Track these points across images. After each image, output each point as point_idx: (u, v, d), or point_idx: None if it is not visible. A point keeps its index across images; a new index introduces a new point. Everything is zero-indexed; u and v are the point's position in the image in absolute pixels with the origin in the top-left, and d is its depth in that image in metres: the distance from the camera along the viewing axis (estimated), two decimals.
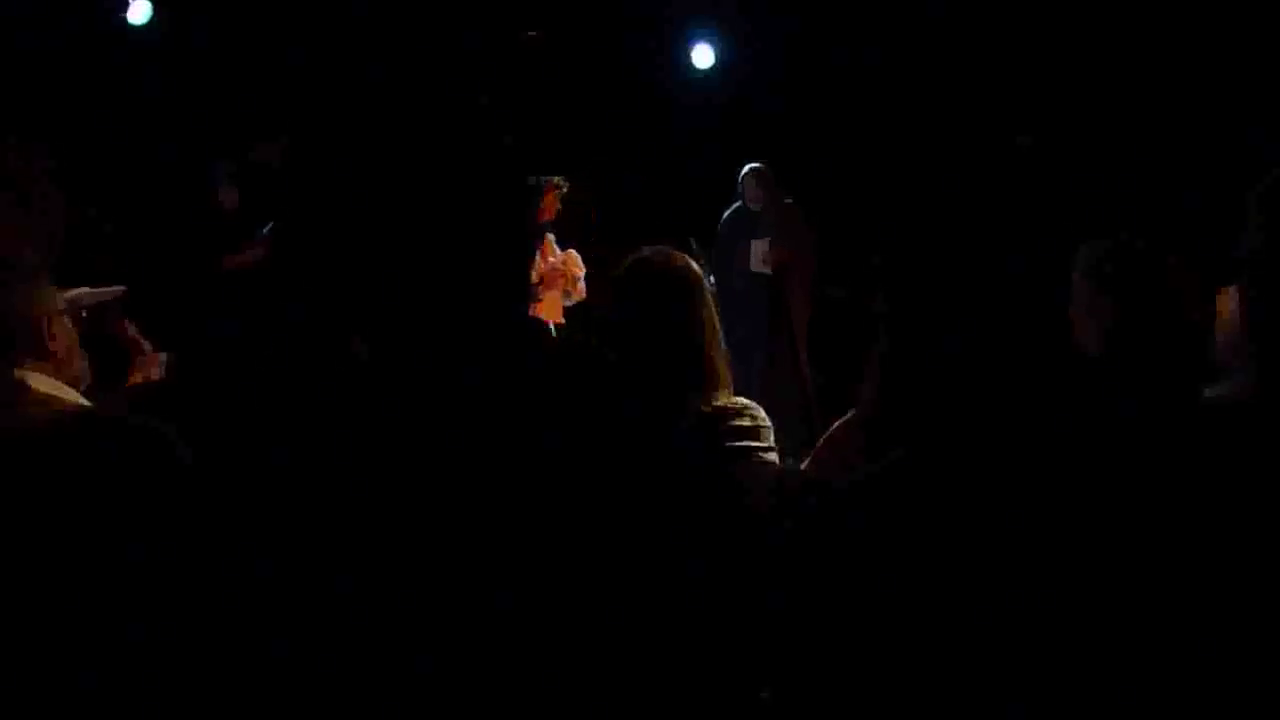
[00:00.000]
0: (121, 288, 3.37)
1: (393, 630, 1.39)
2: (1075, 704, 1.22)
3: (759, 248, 6.57)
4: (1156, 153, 5.90)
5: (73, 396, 1.80)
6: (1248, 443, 1.35)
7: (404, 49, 6.11)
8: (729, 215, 6.78)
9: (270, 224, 5.89)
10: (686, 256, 2.42)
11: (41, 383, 1.76)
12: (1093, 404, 1.48)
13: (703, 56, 7.07)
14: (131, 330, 3.04)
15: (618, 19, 6.89)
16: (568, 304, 6.14)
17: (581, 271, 6.16)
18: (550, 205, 6.03)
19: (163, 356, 3.13)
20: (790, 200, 6.63)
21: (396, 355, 1.53)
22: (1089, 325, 2.15)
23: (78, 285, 3.26)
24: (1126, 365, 2.11)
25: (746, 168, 6.64)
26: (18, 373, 1.74)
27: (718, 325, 2.31)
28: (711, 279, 6.23)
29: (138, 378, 2.98)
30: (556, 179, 6.13)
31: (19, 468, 1.58)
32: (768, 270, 6.54)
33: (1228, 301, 2.11)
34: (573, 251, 6.22)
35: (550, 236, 6.14)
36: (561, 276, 6.07)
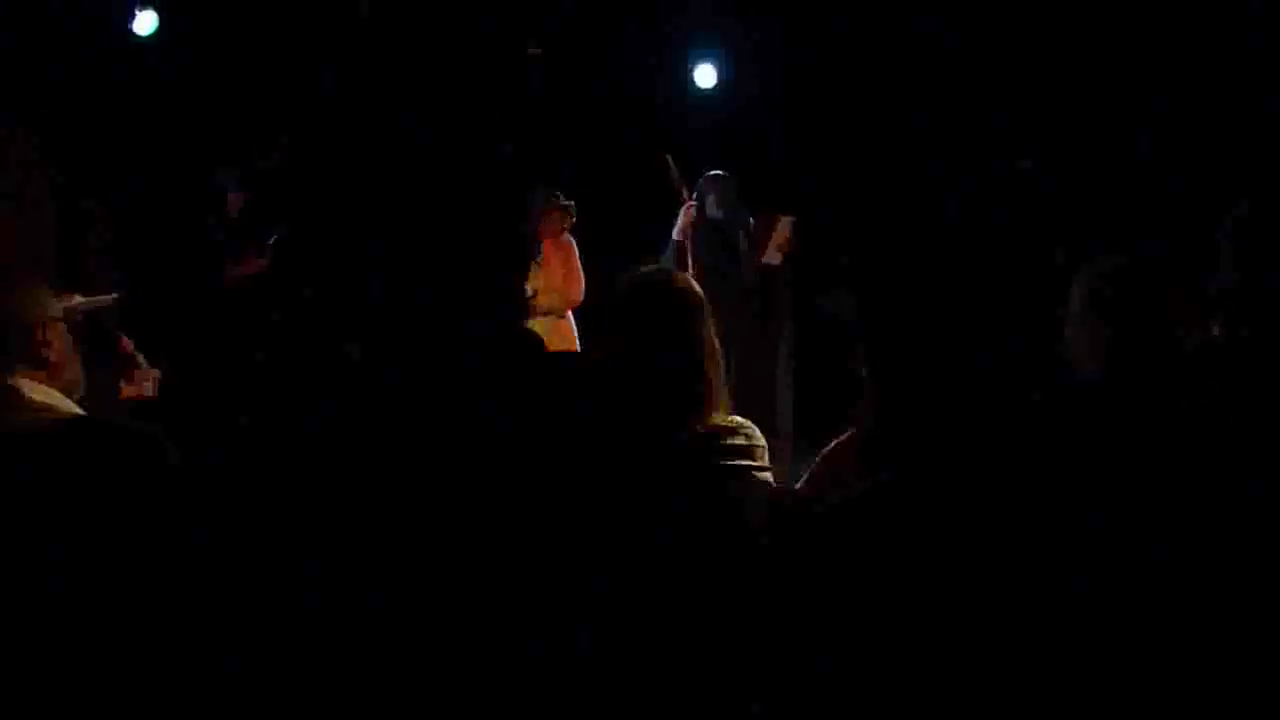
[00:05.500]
0: (115, 296, 3.37)
1: (376, 641, 1.39)
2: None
3: (778, 233, 5.79)
4: (1159, 176, 5.90)
5: (67, 405, 1.80)
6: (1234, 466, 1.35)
7: (407, 64, 6.12)
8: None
9: (273, 234, 5.90)
10: (688, 276, 2.42)
11: (36, 390, 1.75)
12: (1087, 427, 1.47)
13: (705, 76, 7.08)
14: (127, 345, 3.05)
15: (621, 37, 6.91)
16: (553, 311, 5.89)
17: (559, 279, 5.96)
18: (551, 224, 5.99)
19: (155, 373, 3.13)
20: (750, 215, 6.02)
21: (389, 361, 1.53)
22: (1086, 348, 2.14)
23: (75, 291, 3.25)
24: (1123, 389, 2.10)
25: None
26: (12, 380, 1.74)
27: (717, 344, 2.31)
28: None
29: (130, 393, 2.98)
30: (562, 200, 6.08)
31: (12, 473, 1.57)
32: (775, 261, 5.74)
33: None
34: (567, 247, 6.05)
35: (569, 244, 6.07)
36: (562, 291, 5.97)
